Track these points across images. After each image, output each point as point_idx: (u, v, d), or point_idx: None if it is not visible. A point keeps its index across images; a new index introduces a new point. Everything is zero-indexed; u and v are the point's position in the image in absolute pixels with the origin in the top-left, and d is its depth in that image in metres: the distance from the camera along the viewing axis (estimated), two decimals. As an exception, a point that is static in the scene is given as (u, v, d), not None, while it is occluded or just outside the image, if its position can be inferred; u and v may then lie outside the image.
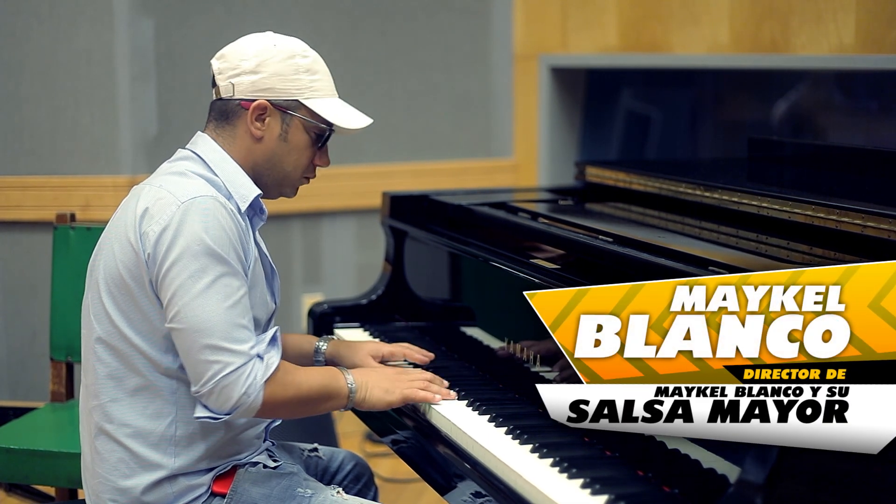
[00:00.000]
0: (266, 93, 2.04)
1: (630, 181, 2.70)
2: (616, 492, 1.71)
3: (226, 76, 2.05)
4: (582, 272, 2.14)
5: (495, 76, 4.16)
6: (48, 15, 3.59)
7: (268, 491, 2.05)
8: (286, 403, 1.98)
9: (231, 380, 1.90)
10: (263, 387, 1.93)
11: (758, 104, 3.32)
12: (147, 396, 1.99)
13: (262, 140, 2.06)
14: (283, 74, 2.05)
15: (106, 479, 2.01)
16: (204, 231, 1.92)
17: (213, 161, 2.04)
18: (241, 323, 1.93)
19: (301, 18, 3.86)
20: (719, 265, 1.87)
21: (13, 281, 3.70)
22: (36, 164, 3.65)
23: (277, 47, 2.05)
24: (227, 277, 1.92)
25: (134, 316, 1.97)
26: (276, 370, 1.96)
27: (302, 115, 2.07)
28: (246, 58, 2.04)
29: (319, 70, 2.10)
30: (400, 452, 2.26)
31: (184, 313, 1.90)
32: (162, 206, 1.94)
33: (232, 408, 1.92)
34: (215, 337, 1.90)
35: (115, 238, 1.99)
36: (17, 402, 3.66)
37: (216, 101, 2.08)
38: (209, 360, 1.90)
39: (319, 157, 2.13)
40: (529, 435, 1.96)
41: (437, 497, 2.10)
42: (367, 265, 4.03)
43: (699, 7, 3.30)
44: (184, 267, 1.91)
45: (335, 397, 2.07)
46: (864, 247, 1.98)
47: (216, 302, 1.91)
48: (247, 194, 2.04)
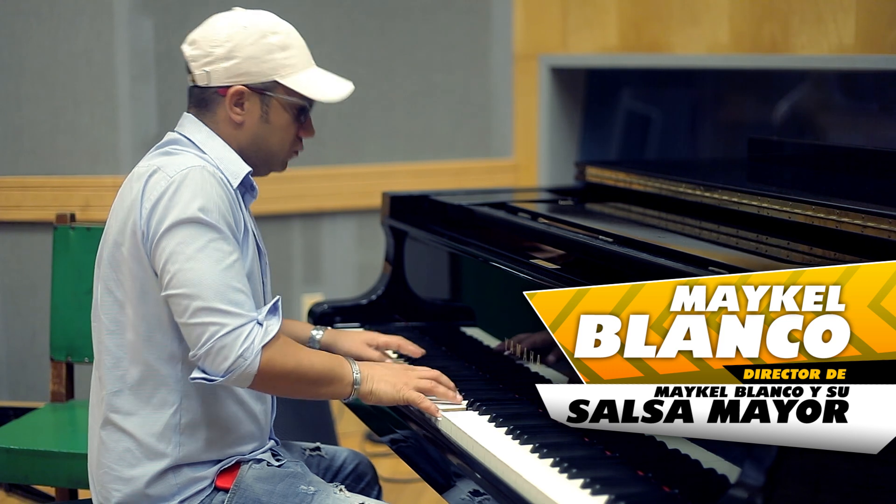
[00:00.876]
0: (241, 77, 2.03)
1: (630, 181, 2.70)
2: (616, 492, 1.71)
3: (199, 64, 2.04)
4: (582, 272, 2.13)
5: (495, 76, 4.16)
6: (48, 15, 3.59)
7: (271, 487, 2.05)
8: (284, 375, 1.95)
9: (227, 341, 1.88)
10: (261, 352, 1.90)
11: (758, 104, 3.32)
12: (152, 385, 2.00)
13: (243, 124, 2.05)
14: (257, 56, 2.03)
15: (111, 469, 2.02)
16: (193, 199, 1.92)
17: (200, 141, 2.04)
18: (236, 286, 1.91)
19: (301, 18, 3.85)
20: (719, 265, 1.87)
21: (13, 281, 3.70)
22: (36, 164, 3.65)
23: (248, 29, 2.03)
24: (218, 242, 1.92)
25: (141, 301, 1.97)
26: (276, 338, 1.94)
27: (280, 94, 2.06)
28: (217, 44, 2.02)
29: (293, 44, 2.08)
30: (399, 452, 2.26)
31: (177, 278, 1.90)
32: (155, 180, 1.95)
33: (227, 370, 1.89)
34: (210, 299, 1.89)
35: (115, 220, 2.00)
36: (17, 403, 3.66)
37: (193, 88, 2.08)
38: (205, 322, 1.88)
39: (304, 129, 2.12)
40: (530, 435, 1.96)
41: (437, 497, 2.09)
42: (367, 265, 4.03)
43: (699, 7, 3.30)
44: (174, 235, 1.91)
45: (337, 383, 2.04)
46: (865, 247, 1.98)
47: (209, 265, 1.90)
48: (237, 171, 2.04)
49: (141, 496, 2.00)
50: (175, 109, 3.68)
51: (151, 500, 2.00)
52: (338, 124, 3.94)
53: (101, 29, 3.59)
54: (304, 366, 1.99)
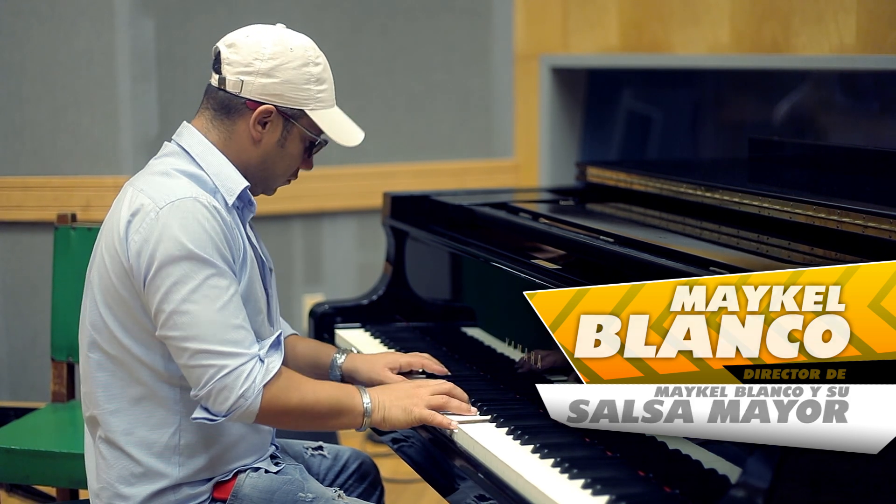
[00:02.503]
0: (275, 98, 2.00)
1: (631, 181, 2.70)
2: (617, 492, 1.71)
3: (236, 70, 1.99)
4: (583, 272, 2.13)
5: (496, 76, 4.16)
6: (49, 15, 3.59)
7: (268, 496, 2.04)
8: (288, 412, 1.94)
9: (228, 381, 1.86)
10: (262, 391, 1.89)
11: (758, 104, 3.32)
12: (150, 406, 1.98)
13: (259, 143, 2.02)
14: (295, 83, 2.01)
15: (110, 486, 2.00)
16: (183, 234, 1.88)
17: (198, 154, 2.00)
18: (235, 323, 1.89)
19: (302, 18, 3.86)
20: (720, 265, 1.87)
21: (14, 281, 3.70)
22: (37, 165, 3.65)
23: (294, 52, 2.01)
24: (213, 279, 1.88)
25: (131, 326, 1.95)
26: (279, 375, 1.92)
27: (303, 125, 2.04)
28: (262, 57, 1.99)
29: (327, 79, 2.06)
30: (400, 452, 2.26)
31: (173, 320, 1.87)
32: (142, 216, 1.91)
33: (229, 409, 1.88)
34: (208, 341, 1.86)
35: (106, 248, 1.96)
36: (18, 403, 3.66)
37: (218, 90, 2.02)
38: (204, 365, 1.86)
39: (306, 163, 2.12)
40: (531, 435, 1.95)
41: (438, 497, 2.09)
42: (367, 265, 4.04)
43: (700, 7, 3.30)
44: (167, 275, 1.87)
45: (347, 414, 2.01)
46: (865, 247, 1.98)
47: (205, 305, 1.87)
48: (233, 187, 2.00)
49: None
50: (176, 110, 3.69)
51: None
52: (339, 124, 3.95)
53: (102, 29, 3.59)
54: (308, 401, 1.96)
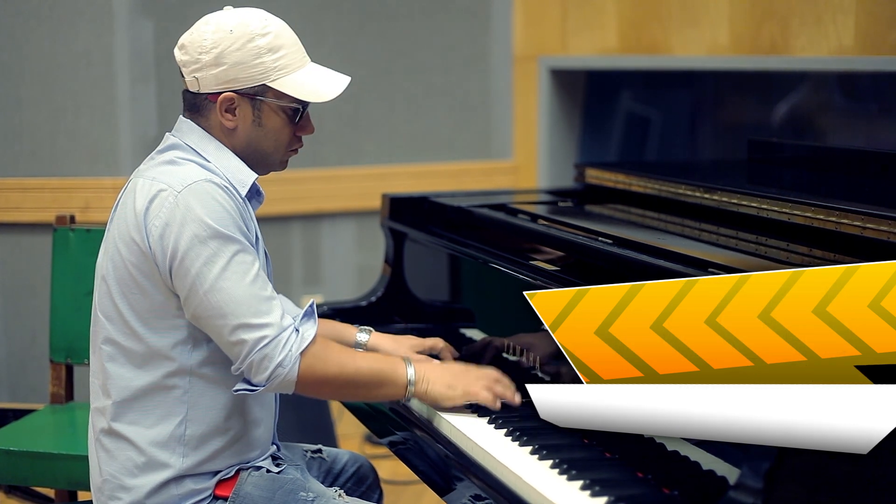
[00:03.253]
0: (230, 84, 1.99)
1: (630, 183, 2.70)
2: (616, 493, 1.71)
3: (189, 70, 2.01)
4: (581, 274, 2.13)
5: (495, 78, 4.16)
6: (48, 16, 3.59)
7: (270, 495, 2.04)
8: (328, 381, 1.97)
9: (267, 351, 1.90)
10: (299, 358, 1.92)
11: (757, 106, 3.32)
12: (158, 397, 1.99)
13: (236, 129, 2.02)
14: (245, 62, 1.98)
15: (113, 478, 2.01)
16: (206, 215, 1.90)
17: (203, 149, 2.01)
18: (265, 295, 1.92)
19: (301, 20, 3.86)
20: (719, 267, 1.87)
21: (13, 283, 3.70)
22: (36, 166, 3.65)
23: (234, 33, 1.98)
24: (239, 255, 1.92)
25: (148, 314, 1.96)
26: (314, 343, 1.95)
27: (271, 98, 2.02)
28: (204, 50, 1.98)
29: (283, 44, 2.02)
30: (399, 454, 2.26)
31: (207, 301, 1.90)
32: (161, 201, 1.93)
33: (268, 378, 1.91)
34: (243, 316, 1.90)
35: (120, 238, 1.97)
36: (17, 404, 3.66)
37: (185, 93, 2.05)
38: (244, 339, 1.90)
39: (301, 129, 2.08)
40: (529, 437, 1.95)
41: (437, 499, 2.09)
42: (366, 267, 4.04)
43: (699, 9, 3.30)
44: (196, 256, 1.90)
45: (389, 385, 2.03)
46: (864, 248, 1.98)
47: (236, 281, 1.90)
48: (244, 179, 2.01)
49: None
50: (175, 111, 3.65)
51: None
52: (337, 126, 3.94)
53: (101, 30, 3.59)
54: (348, 370, 1.98)
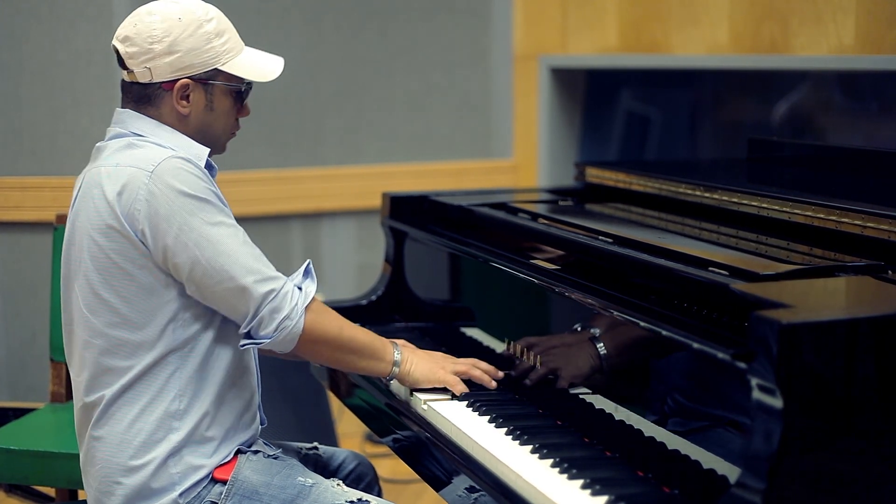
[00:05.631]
0: (185, 71, 2.04)
1: (630, 182, 2.70)
2: (616, 492, 1.71)
3: (139, 61, 2.04)
4: (582, 273, 2.14)
5: (495, 77, 4.16)
6: (48, 16, 3.59)
7: (268, 479, 2.05)
8: (327, 341, 2.05)
9: (275, 303, 1.97)
10: (304, 312, 2.00)
11: (757, 105, 3.32)
12: (147, 381, 2.01)
13: (189, 115, 2.07)
14: (197, 48, 2.04)
15: (108, 464, 2.02)
16: (187, 187, 1.96)
17: (150, 132, 2.05)
18: (259, 252, 2.01)
19: (301, 19, 3.86)
20: (719, 265, 1.87)
21: (13, 282, 3.70)
22: (36, 165, 3.65)
23: (183, 20, 2.03)
24: (227, 218, 2.00)
25: (137, 298, 1.99)
26: (315, 301, 2.03)
27: (221, 81, 2.08)
28: (156, 40, 2.03)
29: (225, 29, 2.09)
30: (400, 452, 2.26)
31: (211, 267, 1.95)
32: (134, 185, 1.96)
33: (276, 329, 1.98)
34: (249, 273, 1.97)
35: (94, 229, 2.00)
36: (17, 403, 3.66)
37: (132, 85, 2.07)
38: (252, 296, 1.96)
39: (242, 111, 2.15)
40: (530, 436, 1.96)
41: (437, 497, 2.10)
42: (367, 266, 4.04)
43: (699, 8, 3.30)
44: (190, 228, 1.95)
45: (379, 358, 2.14)
46: (864, 247, 1.98)
47: (232, 243, 1.97)
48: (199, 153, 2.07)
49: (142, 489, 2.00)
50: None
51: (153, 492, 2.00)
52: (337, 125, 3.94)
53: (101, 30, 3.59)
54: (346, 333, 2.08)
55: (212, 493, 2.03)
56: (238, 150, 3.87)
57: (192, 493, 2.02)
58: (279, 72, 2.16)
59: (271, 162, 3.87)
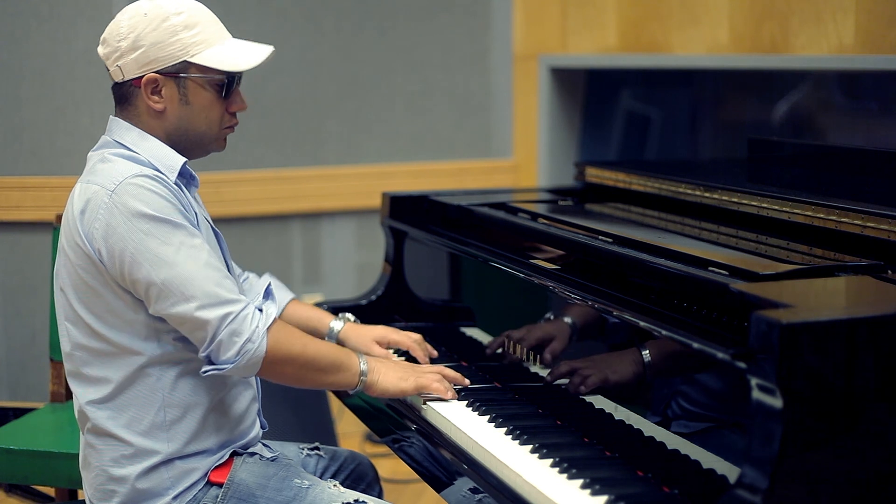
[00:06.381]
0: (151, 65, 2.02)
1: (630, 182, 2.70)
2: (616, 492, 1.71)
3: (111, 61, 2.04)
4: (581, 272, 2.14)
5: (495, 77, 4.16)
6: (48, 16, 3.58)
7: (264, 481, 2.05)
8: (291, 360, 1.99)
9: (234, 326, 1.92)
10: (266, 335, 1.94)
11: (757, 105, 3.32)
12: (134, 390, 2.00)
13: (165, 111, 2.04)
14: (161, 41, 2.01)
15: (102, 471, 2.03)
16: (146, 206, 1.92)
17: (130, 142, 2.04)
18: (220, 275, 1.95)
19: (301, 19, 3.86)
20: (719, 265, 1.87)
21: (13, 281, 3.70)
22: (36, 165, 3.65)
23: (148, 16, 2.02)
24: (187, 238, 1.94)
25: (107, 315, 1.98)
26: (277, 322, 1.98)
27: (194, 73, 2.04)
28: (121, 37, 2.03)
29: (199, 20, 2.04)
30: (400, 452, 2.26)
31: (167, 289, 1.91)
32: (95, 203, 1.95)
33: (238, 354, 1.92)
34: (205, 296, 1.91)
35: (68, 244, 2.00)
36: (17, 403, 3.66)
37: (113, 87, 2.09)
38: (208, 319, 1.91)
39: (232, 104, 2.10)
40: (529, 435, 1.96)
41: (437, 497, 2.10)
42: (366, 265, 4.03)
43: (699, 7, 3.30)
44: (146, 249, 1.91)
45: (345, 371, 2.07)
46: (864, 247, 1.98)
47: (190, 264, 1.92)
48: (173, 164, 2.03)
49: (136, 493, 2.00)
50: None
51: (146, 495, 2.00)
52: (337, 124, 3.94)
53: (101, 30, 3.56)
54: (310, 351, 2.02)
55: (207, 495, 2.03)
56: (238, 150, 3.88)
57: (188, 497, 2.02)
58: (257, 61, 2.07)
59: (271, 162, 3.86)
